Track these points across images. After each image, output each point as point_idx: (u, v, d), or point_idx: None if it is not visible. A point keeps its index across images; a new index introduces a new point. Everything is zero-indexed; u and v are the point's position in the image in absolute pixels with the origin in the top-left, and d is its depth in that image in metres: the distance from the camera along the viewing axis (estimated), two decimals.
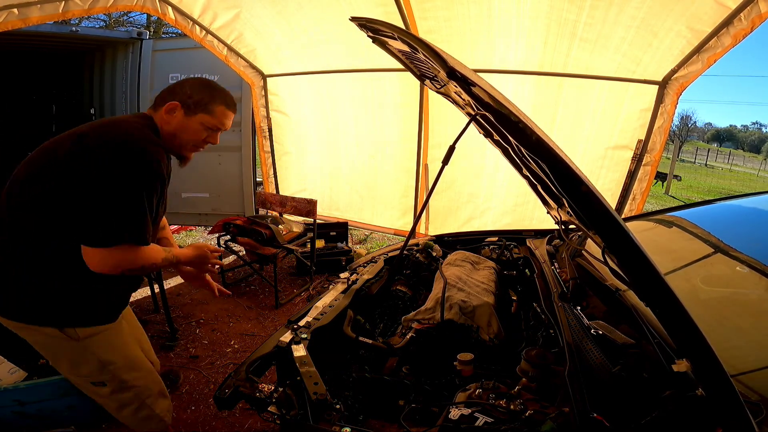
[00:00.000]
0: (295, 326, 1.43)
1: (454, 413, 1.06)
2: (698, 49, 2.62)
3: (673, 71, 2.81)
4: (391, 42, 1.55)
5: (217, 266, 1.57)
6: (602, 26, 2.74)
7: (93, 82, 5.47)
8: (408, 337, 1.49)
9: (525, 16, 2.86)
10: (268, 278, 3.72)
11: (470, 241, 2.38)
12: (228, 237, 3.56)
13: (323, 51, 3.83)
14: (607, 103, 3.16)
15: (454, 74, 1.08)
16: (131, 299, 1.58)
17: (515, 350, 1.43)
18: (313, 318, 1.51)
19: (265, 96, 4.48)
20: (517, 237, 2.34)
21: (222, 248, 1.43)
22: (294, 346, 1.31)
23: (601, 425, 0.91)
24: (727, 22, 2.42)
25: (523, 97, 3.34)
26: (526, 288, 1.88)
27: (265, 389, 1.22)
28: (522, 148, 1.20)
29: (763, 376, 1.05)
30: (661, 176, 12.46)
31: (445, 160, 1.59)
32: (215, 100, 1.39)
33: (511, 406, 1.06)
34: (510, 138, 1.16)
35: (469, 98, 1.18)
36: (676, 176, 13.07)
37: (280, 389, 1.20)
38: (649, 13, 2.55)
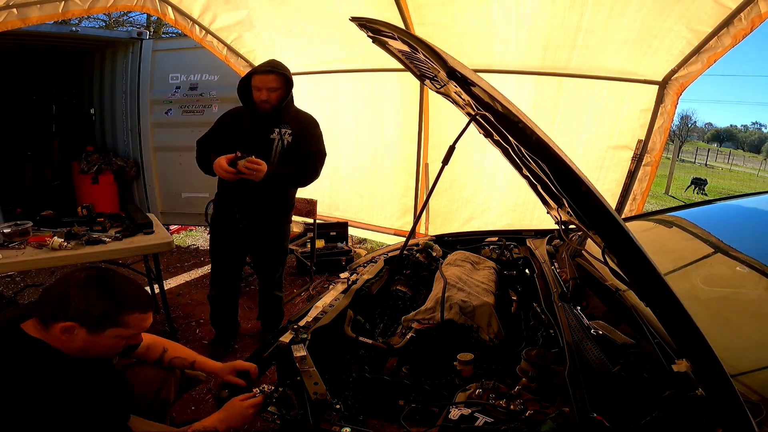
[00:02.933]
0: (295, 326, 1.43)
1: (454, 413, 1.06)
2: (698, 50, 2.62)
3: (673, 71, 2.81)
4: (391, 42, 1.55)
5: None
6: (602, 26, 2.74)
7: (93, 82, 5.47)
8: (408, 337, 1.49)
9: (526, 15, 2.87)
10: None
11: (470, 241, 2.38)
12: None
13: (323, 51, 3.82)
14: (607, 103, 3.16)
15: (454, 74, 1.07)
16: None
17: (515, 350, 1.43)
18: (313, 318, 1.51)
19: None
20: (517, 237, 2.34)
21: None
22: (294, 346, 1.31)
23: (601, 425, 0.91)
24: (727, 22, 2.41)
25: (523, 97, 3.34)
26: (526, 288, 1.88)
27: (265, 389, 1.22)
28: (522, 148, 1.20)
29: (763, 376, 1.05)
30: (696, 182, 12.34)
31: (445, 160, 1.59)
32: (124, 309, 1.10)
33: (511, 406, 1.06)
34: (510, 138, 1.16)
35: (469, 98, 1.18)
36: (702, 180, 12.60)
37: (280, 389, 1.20)
38: (649, 13, 2.55)
